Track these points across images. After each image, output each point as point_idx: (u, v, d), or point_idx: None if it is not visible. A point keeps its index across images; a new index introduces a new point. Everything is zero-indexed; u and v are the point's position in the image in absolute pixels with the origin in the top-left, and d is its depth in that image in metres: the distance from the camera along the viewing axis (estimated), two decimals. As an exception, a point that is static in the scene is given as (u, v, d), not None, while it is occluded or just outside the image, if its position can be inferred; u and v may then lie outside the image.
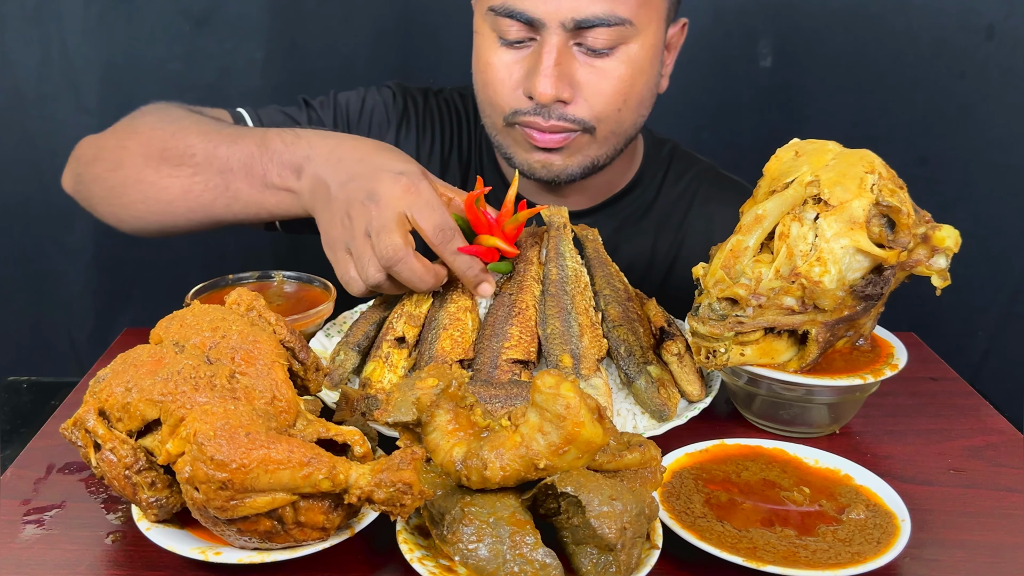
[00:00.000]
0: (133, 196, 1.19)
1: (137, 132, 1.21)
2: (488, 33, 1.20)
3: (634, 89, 1.20)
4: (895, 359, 1.00)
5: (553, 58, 1.14)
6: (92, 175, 1.24)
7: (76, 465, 0.94)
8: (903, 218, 0.90)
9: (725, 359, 0.94)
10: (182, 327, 0.83)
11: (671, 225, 1.39)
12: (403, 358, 1.03)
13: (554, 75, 1.14)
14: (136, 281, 1.94)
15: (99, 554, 0.81)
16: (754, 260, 0.92)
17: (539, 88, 1.14)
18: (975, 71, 1.81)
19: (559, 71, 1.15)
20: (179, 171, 1.15)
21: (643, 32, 1.18)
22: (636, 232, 1.39)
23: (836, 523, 0.83)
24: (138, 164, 1.18)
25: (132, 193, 1.19)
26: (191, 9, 1.79)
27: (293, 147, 1.10)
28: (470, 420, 0.76)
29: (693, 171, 1.42)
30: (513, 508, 0.72)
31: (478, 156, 1.41)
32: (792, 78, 1.86)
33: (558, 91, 1.15)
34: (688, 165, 1.43)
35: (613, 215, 1.38)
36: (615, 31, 1.15)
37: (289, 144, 1.10)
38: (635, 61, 1.19)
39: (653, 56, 1.22)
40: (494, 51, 1.20)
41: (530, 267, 1.12)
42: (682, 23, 1.31)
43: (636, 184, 1.39)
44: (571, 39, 1.16)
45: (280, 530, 0.73)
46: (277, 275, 1.21)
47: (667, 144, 1.45)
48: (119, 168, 1.20)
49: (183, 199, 1.16)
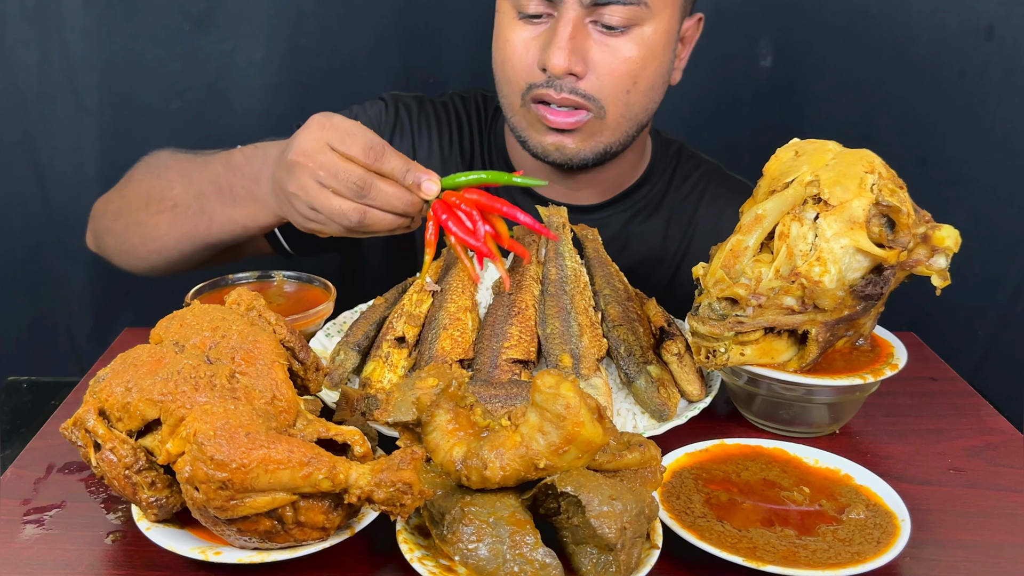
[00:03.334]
0: (134, 239, 1.28)
1: (132, 181, 1.31)
2: (508, 9, 1.23)
3: (645, 72, 1.22)
4: (895, 359, 1.00)
5: (568, 32, 1.17)
6: (103, 228, 1.34)
7: (76, 465, 0.94)
8: (903, 218, 0.90)
9: (725, 359, 0.94)
10: (182, 327, 0.83)
11: (680, 222, 1.41)
12: (403, 358, 1.03)
13: (568, 48, 1.16)
14: (136, 281, 1.94)
15: (99, 554, 0.81)
16: (754, 260, 0.92)
17: (553, 59, 1.16)
18: (975, 71, 1.81)
19: (573, 45, 1.17)
20: (164, 207, 1.23)
21: (658, 16, 1.20)
22: (647, 228, 1.40)
23: (836, 523, 0.83)
24: (134, 209, 1.27)
25: (133, 237, 1.28)
26: (191, 9, 1.78)
27: (252, 159, 1.15)
28: (470, 420, 0.76)
29: (700, 170, 1.43)
30: (513, 508, 0.72)
31: (481, 156, 1.42)
32: (792, 78, 1.86)
33: (571, 64, 1.17)
34: (695, 165, 1.44)
35: (623, 210, 1.39)
36: (630, 10, 1.17)
37: (249, 157, 1.15)
38: (648, 43, 1.20)
39: (666, 42, 1.23)
40: (513, 27, 1.22)
41: (529, 267, 1.12)
42: (698, 17, 1.32)
43: (646, 180, 1.41)
44: (587, 16, 1.18)
45: (280, 530, 0.73)
46: (277, 275, 1.22)
47: (674, 144, 1.46)
48: (120, 216, 1.30)
49: (171, 232, 1.23)
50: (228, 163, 1.17)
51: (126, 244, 1.29)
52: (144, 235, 1.26)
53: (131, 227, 1.27)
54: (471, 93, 1.44)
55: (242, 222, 1.17)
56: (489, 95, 1.43)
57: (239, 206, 1.15)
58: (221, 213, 1.17)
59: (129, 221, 1.28)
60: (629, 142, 1.29)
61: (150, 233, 1.25)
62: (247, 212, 1.15)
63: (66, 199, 1.85)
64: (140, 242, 1.27)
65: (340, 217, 0.99)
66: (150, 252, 1.27)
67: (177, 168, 1.24)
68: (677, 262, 1.40)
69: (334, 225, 1.01)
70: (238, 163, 1.16)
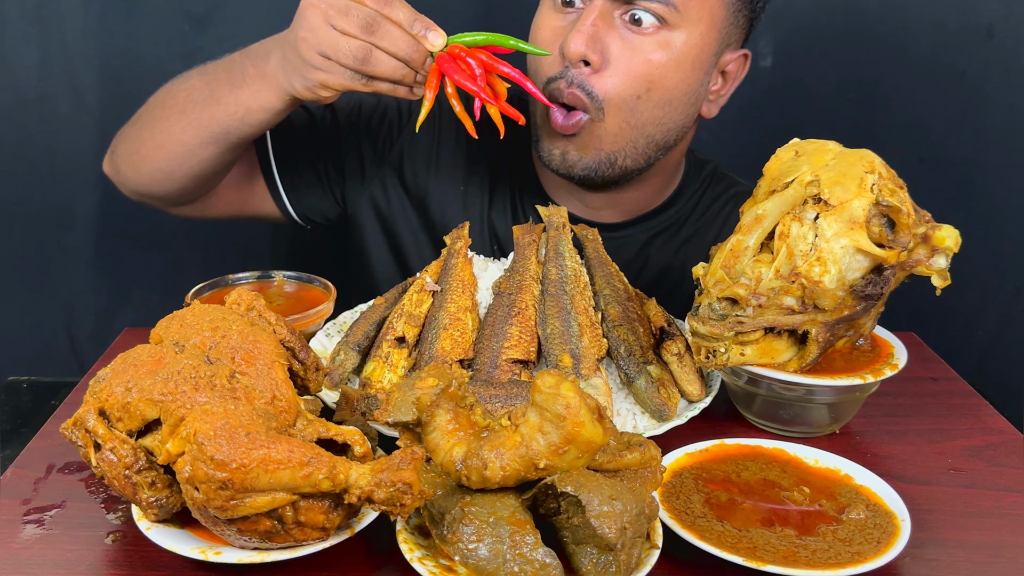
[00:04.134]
0: (144, 137, 1.24)
1: (152, 97, 1.28)
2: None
3: (664, 81, 1.18)
4: (895, 359, 1.00)
5: (592, 18, 1.15)
6: (120, 139, 1.30)
7: (76, 465, 0.94)
8: (903, 218, 0.90)
9: (725, 359, 0.94)
10: (182, 327, 0.83)
11: (702, 243, 1.37)
12: (403, 358, 1.03)
13: (587, 33, 1.14)
14: (136, 281, 1.94)
15: (99, 554, 0.81)
16: (754, 260, 0.92)
17: (570, 43, 1.14)
18: (975, 71, 1.81)
19: (594, 32, 1.15)
20: (178, 99, 1.21)
21: (690, 27, 1.17)
22: (667, 249, 1.37)
23: (836, 523, 0.83)
24: (151, 108, 1.25)
25: (144, 135, 1.24)
26: (191, 9, 1.78)
27: (265, 43, 1.14)
28: (470, 420, 0.76)
29: (729, 192, 1.40)
30: (513, 508, 0.72)
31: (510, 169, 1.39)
32: (792, 78, 1.86)
33: (587, 50, 1.14)
34: (726, 187, 1.40)
35: (644, 230, 1.36)
36: (659, 7, 1.14)
37: (263, 42, 1.15)
38: (672, 50, 1.17)
39: (696, 58, 1.19)
40: (547, 15, 1.22)
41: (529, 267, 1.12)
42: (743, 53, 1.27)
43: (672, 202, 1.38)
44: (616, 9, 1.16)
45: (280, 530, 0.73)
46: (277, 275, 1.21)
47: (708, 165, 1.43)
48: (138, 120, 1.27)
49: (180, 122, 1.19)
50: (244, 51, 1.16)
51: (136, 144, 1.26)
52: (155, 129, 1.23)
53: (144, 126, 1.25)
54: None
55: (245, 103, 1.14)
56: None
57: (246, 86, 1.13)
58: (228, 96, 1.15)
59: (144, 121, 1.26)
60: (644, 161, 1.24)
61: (160, 126, 1.22)
62: (252, 91, 1.13)
63: (66, 199, 1.85)
64: (150, 138, 1.24)
65: (346, 55, 1.00)
66: (156, 148, 1.23)
67: (198, 68, 1.23)
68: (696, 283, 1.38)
69: (338, 71, 1.01)
70: (252, 48, 1.15)
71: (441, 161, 1.38)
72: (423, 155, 1.38)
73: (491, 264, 1.17)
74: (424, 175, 1.38)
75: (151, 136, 1.23)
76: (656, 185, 1.34)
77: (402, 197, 1.39)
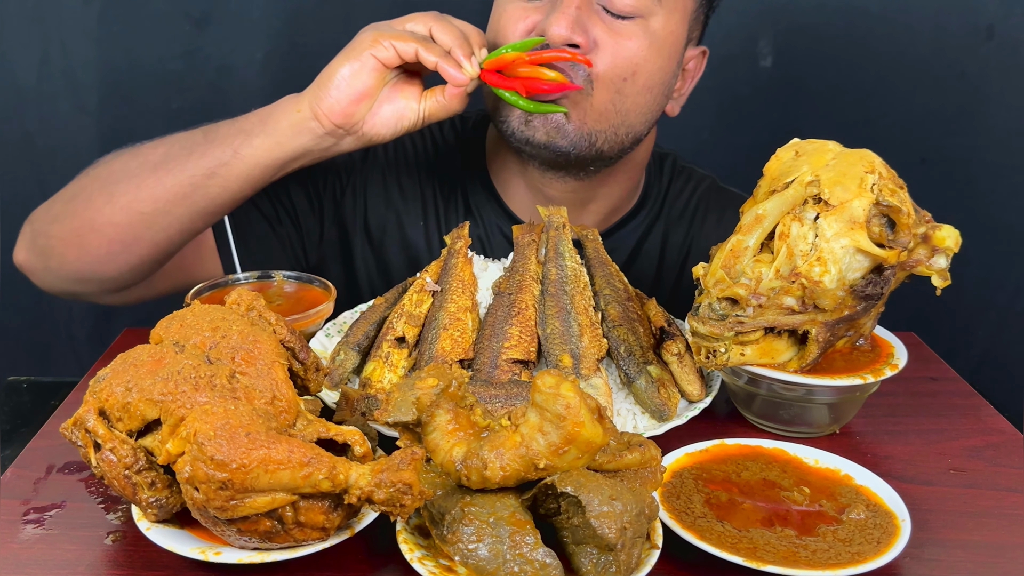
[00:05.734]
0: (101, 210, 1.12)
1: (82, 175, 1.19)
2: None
3: (647, 66, 1.17)
4: (895, 359, 1.00)
5: (575, 2, 1.12)
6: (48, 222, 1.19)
7: (76, 465, 0.94)
8: (903, 218, 0.90)
9: (725, 359, 0.94)
10: (182, 327, 0.83)
11: (677, 238, 1.38)
12: (403, 358, 1.03)
13: (572, 16, 1.11)
14: (136, 281, 1.95)
15: (99, 554, 0.81)
16: (754, 260, 0.92)
17: (553, 26, 1.10)
18: (975, 71, 1.81)
19: (578, 15, 1.12)
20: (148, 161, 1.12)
21: (666, 14, 1.16)
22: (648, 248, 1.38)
23: (836, 523, 0.83)
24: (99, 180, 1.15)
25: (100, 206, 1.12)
26: (191, 9, 1.79)
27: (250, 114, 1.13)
28: (470, 420, 0.76)
29: (692, 185, 1.41)
30: (513, 508, 0.72)
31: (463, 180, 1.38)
32: (792, 78, 1.86)
33: (573, 33, 1.11)
34: (687, 180, 1.41)
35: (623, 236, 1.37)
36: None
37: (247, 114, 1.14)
38: (653, 36, 1.16)
39: (672, 45, 1.19)
40: (510, 3, 1.18)
41: (529, 267, 1.12)
42: (701, 50, 1.27)
43: (641, 207, 1.38)
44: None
45: (280, 530, 0.73)
46: (277, 275, 1.21)
47: (668, 157, 1.43)
48: (74, 197, 1.17)
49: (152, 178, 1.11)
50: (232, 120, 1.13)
51: (81, 219, 1.14)
52: (112, 193, 1.12)
53: (96, 195, 1.13)
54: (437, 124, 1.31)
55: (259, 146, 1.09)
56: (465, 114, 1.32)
57: (255, 136, 1.09)
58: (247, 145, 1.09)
59: (92, 191, 1.14)
60: (618, 149, 1.22)
61: (120, 187, 1.11)
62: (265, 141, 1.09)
63: (66, 199, 1.85)
64: (106, 203, 1.12)
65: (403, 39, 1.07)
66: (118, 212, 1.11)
67: (149, 143, 1.15)
68: (674, 278, 1.39)
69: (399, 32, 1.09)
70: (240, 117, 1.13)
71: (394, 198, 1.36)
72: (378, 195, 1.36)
73: (491, 264, 1.17)
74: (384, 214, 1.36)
75: (107, 202, 1.12)
76: (624, 185, 1.34)
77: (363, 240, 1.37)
